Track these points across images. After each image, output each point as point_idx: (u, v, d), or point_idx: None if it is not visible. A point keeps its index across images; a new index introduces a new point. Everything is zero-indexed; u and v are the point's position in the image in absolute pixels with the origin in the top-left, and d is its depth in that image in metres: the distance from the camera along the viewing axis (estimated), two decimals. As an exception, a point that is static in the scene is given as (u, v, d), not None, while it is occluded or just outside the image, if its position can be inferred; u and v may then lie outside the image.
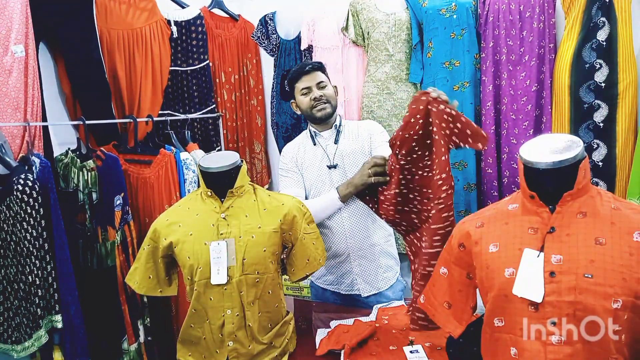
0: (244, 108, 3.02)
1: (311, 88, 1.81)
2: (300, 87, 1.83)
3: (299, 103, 1.86)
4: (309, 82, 1.81)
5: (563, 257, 0.99)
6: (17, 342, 1.58)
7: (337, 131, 1.86)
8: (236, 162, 1.50)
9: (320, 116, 1.82)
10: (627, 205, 1.02)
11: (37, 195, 1.57)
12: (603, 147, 2.09)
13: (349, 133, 1.87)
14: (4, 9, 1.78)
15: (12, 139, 1.79)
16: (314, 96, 1.80)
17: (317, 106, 1.81)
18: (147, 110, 2.36)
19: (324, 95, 1.80)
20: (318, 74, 1.82)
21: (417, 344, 1.50)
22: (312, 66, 1.82)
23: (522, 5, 2.29)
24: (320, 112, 1.81)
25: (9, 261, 1.58)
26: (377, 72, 2.49)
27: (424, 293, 1.31)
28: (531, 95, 2.29)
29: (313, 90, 1.81)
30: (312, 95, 1.81)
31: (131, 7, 2.34)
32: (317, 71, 1.82)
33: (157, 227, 1.50)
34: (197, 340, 1.46)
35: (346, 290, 1.88)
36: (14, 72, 1.79)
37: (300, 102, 1.85)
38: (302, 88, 1.82)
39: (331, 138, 1.86)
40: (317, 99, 1.80)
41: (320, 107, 1.81)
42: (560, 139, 1.07)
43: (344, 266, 1.85)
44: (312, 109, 1.82)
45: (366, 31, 2.53)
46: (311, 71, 1.81)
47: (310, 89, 1.81)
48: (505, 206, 1.15)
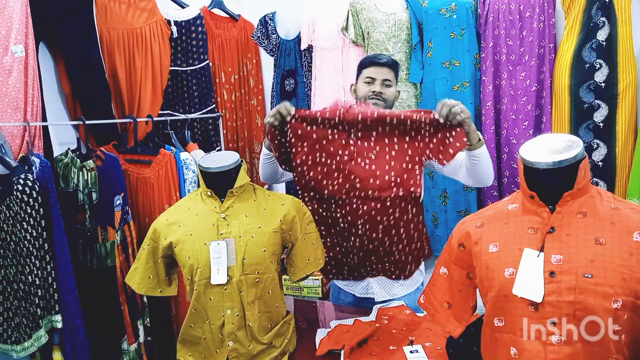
0: (244, 108, 3.02)
1: (375, 80, 1.77)
2: (366, 74, 1.79)
3: (358, 89, 1.82)
4: (377, 74, 1.77)
5: (563, 257, 0.99)
6: (16, 342, 1.58)
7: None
8: (236, 162, 1.50)
9: None
10: (627, 205, 1.02)
11: (37, 195, 1.57)
12: (603, 147, 2.09)
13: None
14: (4, 9, 1.78)
15: (12, 139, 1.79)
16: (374, 89, 1.76)
17: (373, 99, 1.76)
18: (147, 110, 2.35)
19: (383, 94, 1.76)
20: (388, 71, 1.78)
21: (417, 344, 1.50)
22: (387, 61, 1.77)
23: (522, 5, 2.29)
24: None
25: (8, 261, 1.58)
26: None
27: (424, 293, 1.31)
28: (531, 95, 2.30)
29: (376, 84, 1.76)
30: (374, 87, 1.76)
31: (131, 7, 2.34)
32: (389, 68, 1.78)
33: (157, 227, 1.50)
34: (197, 340, 1.46)
35: (361, 293, 1.85)
36: (13, 72, 1.79)
37: (359, 88, 1.81)
38: (368, 76, 1.78)
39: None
40: (375, 93, 1.75)
41: (375, 101, 1.75)
42: (560, 139, 1.07)
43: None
44: (366, 99, 1.77)
45: (366, 31, 2.53)
46: (384, 65, 1.77)
47: (375, 81, 1.77)
48: (505, 206, 1.15)
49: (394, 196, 1.62)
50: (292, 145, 1.69)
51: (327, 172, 1.67)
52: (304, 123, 1.66)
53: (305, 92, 2.80)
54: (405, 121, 1.57)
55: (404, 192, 1.62)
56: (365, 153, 1.64)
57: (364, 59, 1.83)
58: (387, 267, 1.74)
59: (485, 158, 1.57)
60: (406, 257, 1.72)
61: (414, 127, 1.58)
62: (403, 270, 1.75)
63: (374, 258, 1.72)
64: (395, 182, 1.62)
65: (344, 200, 1.67)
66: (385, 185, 1.62)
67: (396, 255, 1.70)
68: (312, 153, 1.67)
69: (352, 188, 1.65)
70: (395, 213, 1.64)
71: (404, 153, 1.60)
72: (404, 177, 1.61)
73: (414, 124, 1.57)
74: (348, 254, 1.74)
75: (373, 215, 1.64)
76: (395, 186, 1.62)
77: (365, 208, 1.64)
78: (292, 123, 1.67)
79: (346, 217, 1.67)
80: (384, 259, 1.72)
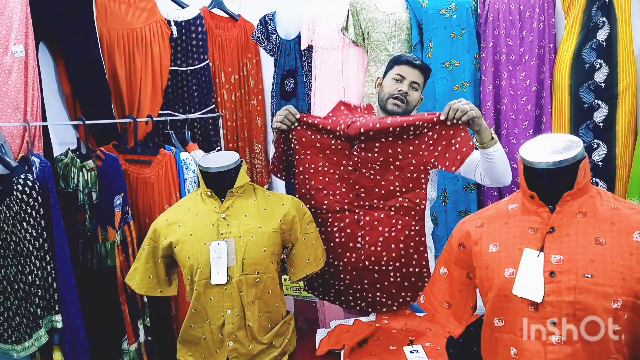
0: (244, 108, 3.02)
1: (405, 79, 1.72)
2: (396, 71, 1.74)
3: (385, 84, 1.77)
4: (407, 74, 1.72)
5: (563, 257, 0.99)
6: (17, 342, 1.58)
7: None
8: (236, 162, 1.50)
9: (390, 110, 1.73)
10: (627, 205, 1.02)
11: (37, 195, 1.57)
12: (603, 147, 2.09)
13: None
14: (4, 9, 1.78)
15: (12, 139, 1.79)
16: (400, 88, 1.71)
17: (396, 99, 1.71)
18: (147, 110, 2.35)
19: (409, 95, 1.72)
20: (419, 75, 1.74)
21: (417, 344, 1.50)
22: (420, 65, 1.73)
23: (522, 5, 2.29)
24: (393, 106, 1.72)
25: (9, 261, 1.58)
26: (377, 72, 2.49)
27: (424, 293, 1.31)
28: (531, 95, 2.30)
29: (404, 83, 1.72)
30: (401, 86, 1.71)
31: (131, 7, 2.34)
32: (420, 71, 1.74)
33: (157, 227, 1.50)
34: (197, 340, 1.46)
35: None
36: (13, 72, 1.78)
37: (387, 84, 1.76)
38: (398, 73, 1.73)
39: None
40: (401, 93, 1.71)
41: (397, 102, 1.71)
42: (560, 139, 1.07)
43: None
44: (390, 97, 1.72)
45: (366, 31, 2.53)
46: (416, 67, 1.73)
47: (404, 79, 1.72)
48: (505, 206, 1.15)
49: (398, 206, 1.61)
50: (295, 152, 1.69)
51: (330, 181, 1.66)
52: (308, 130, 1.66)
53: (305, 92, 2.79)
54: (408, 128, 1.55)
55: (408, 203, 1.61)
56: (370, 163, 1.62)
57: (399, 56, 1.77)
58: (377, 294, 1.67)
59: (501, 156, 1.54)
60: (401, 280, 1.65)
61: (417, 133, 1.56)
62: (394, 298, 1.67)
63: (366, 282, 1.67)
64: (400, 192, 1.61)
65: (345, 212, 1.66)
66: (389, 195, 1.62)
67: (391, 277, 1.65)
68: (315, 161, 1.67)
69: (355, 197, 1.64)
70: (397, 224, 1.62)
71: (408, 162, 1.59)
72: (409, 186, 1.60)
73: (417, 130, 1.55)
74: (339, 274, 1.70)
75: (375, 226, 1.63)
76: (401, 195, 1.61)
77: (368, 218, 1.64)
78: (297, 129, 1.66)
79: (345, 229, 1.66)
80: (376, 284, 1.66)
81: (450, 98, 2.40)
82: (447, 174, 2.44)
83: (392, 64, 1.77)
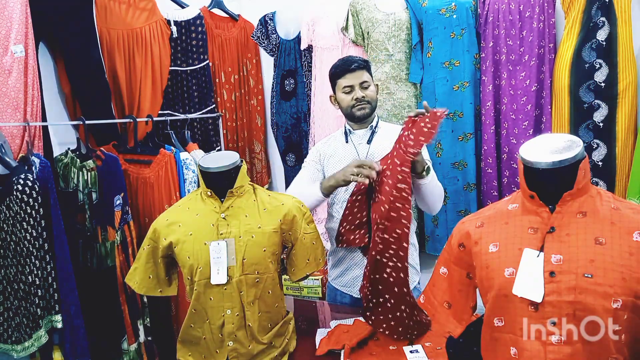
0: (244, 108, 3.02)
1: (354, 87, 1.75)
2: (342, 85, 1.77)
3: (339, 100, 1.81)
4: (353, 80, 1.75)
5: (563, 256, 0.99)
6: (17, 342, 1.58)
7: (372, 132, 1.82)
8: (236, 162, 1.50)
9: (360, 116, 1.77)
10: (627, 205, 1.02)
11: (37, 195, 1.57)
12: (603, 147, 2.09)
13: (383, 134, 1.83)
14: (4, 9, 1.78)
15: (12, 139, 1.79)
16: (356, 96, 1.75)
17: (358, 106, 1.76)
18: (147, 110, 2.35)
19: (365, 97, 1.75)
20: (363, 73, 1.77)
21: (417, 344, 1.50)
22: (358, 64, 1.75)
23: (522, 5, 2.29)
24: (360, 112, 1.77)
25: (8, 261, 1.58)
26: (377, 72, 2.49)
27: (424, 293, 1.31)
28: (531, 95, 2.30)
29: (355, 90, 1.75)
30: (355, 95, 1.75)
31: (131, 7, 2.34)
32: (362, 70, 1.76)
33: (156, 227, 1.50)
34: (197, 340, 1.46)
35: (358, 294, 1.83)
36: (13, 72, 1.79)
37: (341, 99, 1.79)
38: (345, 86, 1.76)
39: (365, 137, 1.83)
40: (358, 100, 1.75)
41: (360, 107, 1.76)
42: (560, 139, 1.07)
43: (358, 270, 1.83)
44: (352, 108, 1.77)
45: (366, 31, 2.53)
46: (356, 69, 1.75)
47: (353, 87, 1.75)
48: (505, 206, 1.15)
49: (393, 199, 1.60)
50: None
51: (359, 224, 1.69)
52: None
53: (305, 92, 2.80)
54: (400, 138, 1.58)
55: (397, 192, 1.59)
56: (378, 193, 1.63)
57: (334, 70, 1.80)
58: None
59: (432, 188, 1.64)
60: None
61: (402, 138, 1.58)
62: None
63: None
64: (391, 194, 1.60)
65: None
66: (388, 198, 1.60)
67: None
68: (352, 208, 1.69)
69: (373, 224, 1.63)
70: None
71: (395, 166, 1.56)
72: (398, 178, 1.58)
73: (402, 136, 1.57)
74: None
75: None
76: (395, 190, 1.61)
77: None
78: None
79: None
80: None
81: (450, 98, 2.43)
82: (447, 173, 2.44)
83: (334, 79, 1.81)
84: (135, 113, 2.32)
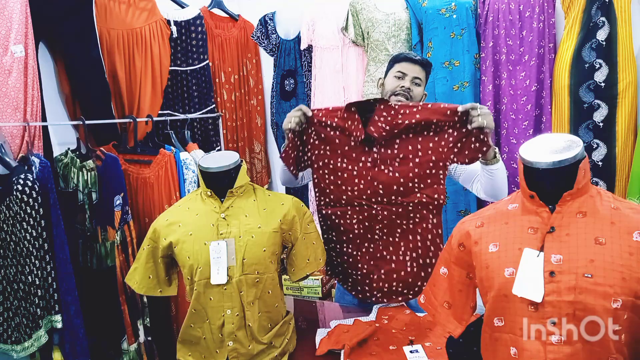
0: (244, 108, 3.02)
1: (406, 76, 1.73)
2: (397, 69, 1.75)
3: (386, 82, 1.78)
4: (408, 70, 1.73)
5: (563, 256, 0.99)
6: (16, 342, 1.58)
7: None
8: (236, 162, 1.50)
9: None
10: (627, 205, 1.02)
11: (36, 195, 1.57)
12: (603, 147, 2.09)
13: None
14: (4, 9, 1.78)
15: (12, 139, 1.79)
16: (402, 84, 1.72)
17: (399, 95, 1.73)
18: (147, 110, 2.35)
19: (411, 91, 1.73)
20: (420, 70, 1.74)
21: (417, 344, 1.50)
22: (420, 60, 1.74)
23: (522, 5, 2.29)
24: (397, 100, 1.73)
25: (8, 261, 1.58)
26: (377, 72, 2.49)
27: (424, 293, 1.31)
28: (531, 95, 2.30)
29: (406, 79, 1.73)
30: (403, 83, 1.72)
31: (131, 7, 2.34)
32: (421, 67, 1.74)
33: (156, 227, 1.50)
34: (197, 340, 1.46)
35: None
36: (13, 72, 1.78)
37: (388, 82, 1.77)
38: (398, 71, 1.74)
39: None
40: (403, 89, 1.72)
41: (400, 98, 1.72)
42: (560, 139, 1.07)
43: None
44: (393, 95, 1.73)
45: (366, 31, 2.53)
46: (417, 63, 1.73)
47: (405, 76, 1.73)
48: (505, 206, 1.15)
49: (417, 202, 1.62)
50: (313, 147, 1.69)
51: (348, 177, 1.66)
52: (328, 127, 1.66)
53: (305, 92, 2.80)
54: (429, 127, 1.56)
55: (427, 199, 1.61)
56: (389, 160, 1.63)
57: (398, 54, 1.79)
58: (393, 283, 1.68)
59: (501, 174, 1.57)
60: (417, 270, 1.66)
61: (437, 130, 1.57)
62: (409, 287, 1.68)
63: (383, 271, 1.68)
64: (419, 188, 1.61)
65: (363, 206, 1.66)
66: (408, 192, 1.62)
67: (407, 267, 1.66)
68: (334, 157, 1.67)
69: (374, 194, 1.64)
70: (415, 218, 1.63)
71: (427, 159, 1.59)
72: (428, 182, 1.60)
73: (437, 127, 1.56)
74: (357, 263, 1.71)
75: (393, 219, 1.64)
76: (419, 192, 1.61)
77: (386, 213, 1.64)
78: (315, 125, 1.67)
79: (363, 222, 1.67)
80: (393, 274, 1.67)
81: (450, 98, 2.42)
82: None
83: (393, 62, 1.79)
84: (135, 113, 2.32)
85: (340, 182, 1.67)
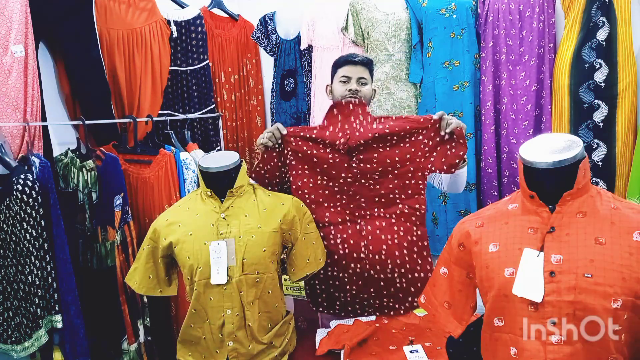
0: (244, 108, 3.02)
1: (351, 79, 1.74)
2: (341, 74, 1.76)
3: (334, 89, 1.80)
4: (352, 72, 1.74)
5: (563, 256, 0.99)
6: (17, 342, 1.58)
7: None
8: (236, 162, 1.50)
9: None
10: (626, 205, 1.02)
11: (36, 195, 1.57)
12: (603, 147, 2.09)
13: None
14: (4, 9, 1.78)
15: (12, 139, 1.79)
16: (350, 88, 1.73)
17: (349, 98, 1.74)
18: (147, 110, 2.35)
19: (359, 92, 1.73)
20: (363, 70, 1.76)
21: (417, 344, 1.50)
22: (361, 60, 1.76)
23: (522, 5, 2.29)
24: None
25: (8, 261, 1.58)
26: (377, 72, 2.49)
27: (424, 293, 1.31)
28: (531, 95, 2.30)
29: (351, 82, 1.74)
30: (349, 86, 1.74)
31: (131, 7, 2.34)
32: (363, 66, 1.76)
33: (156, 227, 1.50)
34: (197, 340, 1.46)
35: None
36: (13, 72, 1.78)
37: (336, 88, 1.79)
38: (343, 75, 1.75)
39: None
40: (352, 91, 1.73)
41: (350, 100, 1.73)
42: (560, 139, 1.07)
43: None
44: (342, 99, 1.74)
45: (366, 31, 2.53)
46: (358, 64, 1.75)
47: (350, 79, 1.75)
48: (505, 206, 1.15)
49: (399, 213, 1.66)
50: (291, 167, 1.70)
51: (330, 193, 1.69)
52: (304, 145, 1.67)
53: (305, 92, 2.79)
54: (404, 137, 1.63)
55: (409, 209, 1.65)
56: (369, 174, 1.66)
57: (338, 59, 1.81)
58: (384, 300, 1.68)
59: (464, 173, 1.71)
60: (407, 286, 1.66)
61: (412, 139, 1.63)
62: (401, 302, 1.68)
63: (372, 290, 1.68)
64: (400, 199, 1.66)
65: (347, 222, 1.68)
66: (390, 202, 1.66)
67: (397, 284, 1.66)
68: (313, 176, 1.69)
69: (356, 208, 1.67)
70: (399, 231, 1.65)
71: (406, 170, 1.64)
72: (408, 192, 1.65)
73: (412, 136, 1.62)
74: (344, 285, 1.70)
75: (378, 235, 1.65)
76: (401, 202, 1.66)
77: (370, 227, 1.66)
78: (292, 145, 1.68)
79: (348, 240, 1.67)
80: (382, 291, 1.67)
81: (450, 98, 2.42)
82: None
83: (335, 67, 1.81)
84: (135, 113, 2.32)
85: (322, 199, 1.69)
